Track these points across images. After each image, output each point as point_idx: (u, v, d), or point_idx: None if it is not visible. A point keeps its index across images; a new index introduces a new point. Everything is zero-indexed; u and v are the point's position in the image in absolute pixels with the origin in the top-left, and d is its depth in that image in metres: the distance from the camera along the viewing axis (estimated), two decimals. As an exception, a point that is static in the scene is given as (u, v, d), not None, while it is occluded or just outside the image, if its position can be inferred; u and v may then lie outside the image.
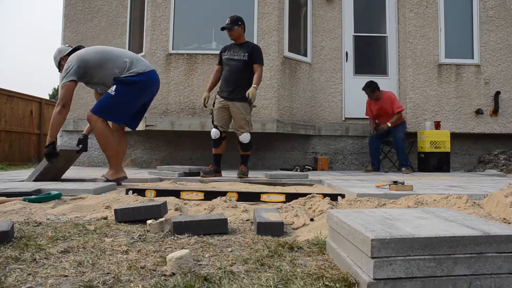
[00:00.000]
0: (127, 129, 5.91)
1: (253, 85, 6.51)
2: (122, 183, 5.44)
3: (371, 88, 9.02)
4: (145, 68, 5.33)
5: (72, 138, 10.25)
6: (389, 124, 8.82)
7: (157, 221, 2.53)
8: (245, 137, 6.66)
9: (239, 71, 6.69)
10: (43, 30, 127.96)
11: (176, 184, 5.51)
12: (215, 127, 6.75)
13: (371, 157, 9.18)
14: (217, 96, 6.86)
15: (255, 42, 9.09)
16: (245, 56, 6.68)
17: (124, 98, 5.20)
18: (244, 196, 3.95)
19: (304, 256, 2.01)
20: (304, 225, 2.72)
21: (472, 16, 10.28)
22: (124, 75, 5.18)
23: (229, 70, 6.75)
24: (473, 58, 10.19)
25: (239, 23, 6.76)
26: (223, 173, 7.46)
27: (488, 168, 9.68)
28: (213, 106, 6.88)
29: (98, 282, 1.59)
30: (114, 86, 5.15)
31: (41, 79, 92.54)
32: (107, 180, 5.21)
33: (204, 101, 6.84)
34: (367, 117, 9.48)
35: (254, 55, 6.69)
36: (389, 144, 9.35)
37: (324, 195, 3.74)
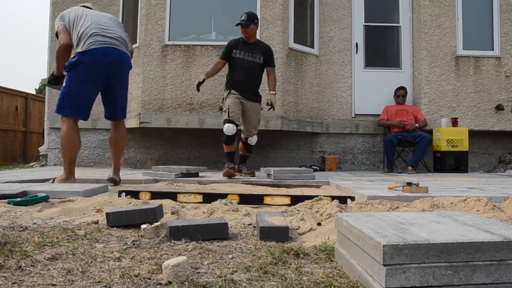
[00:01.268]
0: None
1: (271, 91, 6.99)
2: (116, 185, 5.45)
3: (406, 90, 9.72)
4: (87, 46, 5.18)
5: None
6: (417, 125, 9.30)
7: (152, 225, 2.53)
8: (255, 139, 7.08)
9: (256, 74, 7.07)
10: (27, 21, 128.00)
11: (172, 186, 5.51)
12: (230, 121, 6.71)
13: (387, 157, 9.17)
14: (234, 91, 6.93)
15: (258, 32, 9.09)
16: (261, 59, 7.02)
17: (71, 86, 5.20)
18: (246, 199, 3.95)
19: (311, 263, 2.01)
20: (310, 230, 2.72)
21: (492, 4, 10.25)
22: (70, 57, 5.28)
23: (244, 72, 6.96)
24: (493, 49, 10.16)
25: (256, 21, 6.99)
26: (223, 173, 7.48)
27: (509, 169, 9.67)
28: (223, 102, 6.95)
29: (89, 291, 1.59)
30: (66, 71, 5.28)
31: (27, 73, 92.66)
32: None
33: (199, 84, 6.86)
34: (384, 120, 9.55)
35: (269, 58, 7.10)
36: (405, 145, 9.31)
37: (332, 198, 3.73)
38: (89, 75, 5.18)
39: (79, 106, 5.21)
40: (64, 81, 5.25)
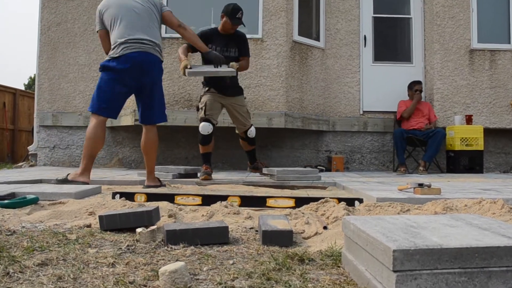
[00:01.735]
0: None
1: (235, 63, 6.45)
2: (108, 186, 5.46)
3: (421, 85, 9.69)
4: (121, 51, 5.39)
5: (51, 134, 10.27)
6: (431, 127, 9.34)
7: (148, 229, 2.53)
8: (253, 130, 6.94)
9: None
10: (16, 13, 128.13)
11: (170, 187, 5.52)
12: (207, 120, 6.63)
13: (398, 152, 9.14)
14: (212, 89, 6.84)
15: (259, 24, 9.11)
16: (236, 52, 6.80)
17: (102, 84, 5.47)
18: (247, 201, 3.95)
19: (317, 269, 2.01)
20: (316, 234, 2.72)
21: (509, -6, 10.26)
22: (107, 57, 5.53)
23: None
24: (509, 42, 10.15)
25: None
26: (223, 174, 7.47)
27: (527, 169, 9.67)
28: (200, 100, 6.87)
29: (81, 299, 1.59)
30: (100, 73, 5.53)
31: (15, 68, 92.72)
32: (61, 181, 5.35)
33: (184, 69, 6.35)
34: (399, 116, 9.53)
35: (243, 47, 6.86)
36: (416, 144, 9.28)
37: (339, 200, 3.74)
38: (121, 77, 5.41)
39: (108, 104, 5.44)
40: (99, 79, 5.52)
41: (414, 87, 9.54)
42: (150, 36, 5.49)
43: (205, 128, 6.59)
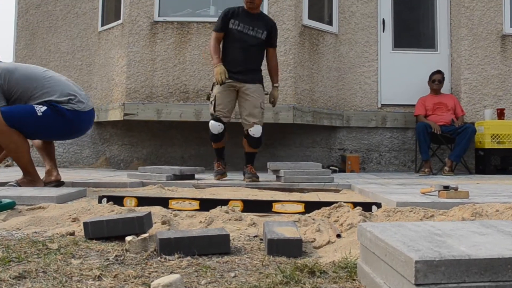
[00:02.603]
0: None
1: (275, 84, 7.00)
2: (94, 189, 5.48)
3: (443, 75, 9.62)
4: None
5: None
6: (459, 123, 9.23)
7: (139, 237, 2.54)
8: (257, 130, 6.69)
9: (257, 52, 6.92)
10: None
11: (163, 190, 5.52)
12: (217, 119, 6.65)
13: (421, 147, 9.08)
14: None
15: (265, 6, 9.09)
16: (264, 34, 6.86)
17: (47, 125, 5.41)
18: (251, 206, 3.95)
19: (329, 282, 2.01)
20: (328, 242, 2.72)
21: (546, -28, 10.24)
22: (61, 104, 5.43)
23: (243, 47, 6.79)
24: (547, 26, 10.15)
25: None
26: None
27: None
28: (212, 87, 6.87)
29: (63, 316, 1.60)
30: (44, 108, 5.33)
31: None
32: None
33: (223, 76, 6.57)
34: (421, 115, 9.46)
35: (273, 35, 7.02)
36: (442, 142, 9.26)
37: (355, 204, 3.73)
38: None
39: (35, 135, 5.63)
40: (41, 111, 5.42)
41: (432, 77, 9.54)
42: None
43: (215, 128, 6.65)
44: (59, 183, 5.70)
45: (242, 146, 7.00)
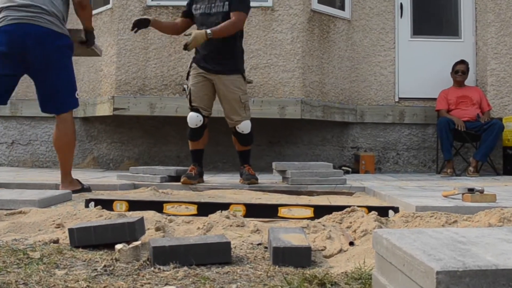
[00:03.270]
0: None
1: (207, 30, 6.12)
2: (80, 192, 5.49)
3: (467, 66, 9.57)
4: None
5: (9, 126, 10.29)
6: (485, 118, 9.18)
7: (130, 245, 2.54)
8: (245, 126, 6.47)
9: None
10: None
11: (157, 193, 5.53)
12: (195, 110, 6.45)
13: (443, 145, 9.05)
14: (193, 64, 6.65)
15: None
16: (225, 5, 6.35)
17: None
18: (254, 210, 3.96)
19: (340, 295, 2.01)
20: (340, 251, 2.72)
21: None
22: None
23: None
24: None
25: None
26: (224, 176, 7.47)
27: None
28: (187, 78, 6.72)
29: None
30: None
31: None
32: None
33: (137, 23, 6.52)
34: (443, 110, 9.45)
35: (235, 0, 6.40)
36: (466, 140, 9.25)
37: (369, 209, 3.74)
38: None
39: None
40: None
41: (455, 68, 9.48)
42: (38, 1, 5.41)
43: (193, 119, 6.44)
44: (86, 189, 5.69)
45: (233, 145, 6.84)
